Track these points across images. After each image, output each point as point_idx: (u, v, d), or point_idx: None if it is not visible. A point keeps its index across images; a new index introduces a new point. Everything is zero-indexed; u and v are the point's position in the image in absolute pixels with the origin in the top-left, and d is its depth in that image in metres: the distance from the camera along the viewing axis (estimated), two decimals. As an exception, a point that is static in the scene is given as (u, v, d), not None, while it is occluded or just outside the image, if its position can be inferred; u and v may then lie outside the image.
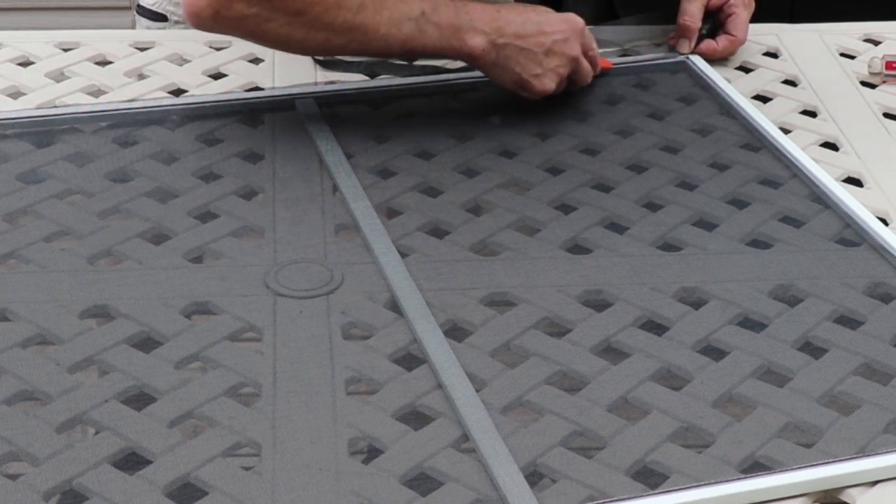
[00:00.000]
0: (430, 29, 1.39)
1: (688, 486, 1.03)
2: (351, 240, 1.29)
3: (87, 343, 1.15)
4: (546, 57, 1.42)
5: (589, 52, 1.49)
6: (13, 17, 3.04)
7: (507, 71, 1.42)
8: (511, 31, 1.41)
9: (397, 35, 1.38)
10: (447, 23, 1.39)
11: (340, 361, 1.14)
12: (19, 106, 1.49)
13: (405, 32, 1.38)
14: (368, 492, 1.02)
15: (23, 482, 1.02)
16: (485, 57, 1.41)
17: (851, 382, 1.14)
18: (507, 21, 1.41)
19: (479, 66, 1.43)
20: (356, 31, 1.38)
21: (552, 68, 1.43)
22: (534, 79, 1.43)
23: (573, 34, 1.44)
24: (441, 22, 1.39)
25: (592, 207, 1.35)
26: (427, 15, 1.39)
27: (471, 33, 1.39)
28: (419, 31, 1.38)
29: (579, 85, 1.50)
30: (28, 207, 1.32)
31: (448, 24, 1.39)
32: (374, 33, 1.38)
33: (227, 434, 1.07)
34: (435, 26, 1.39)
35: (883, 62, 1.59)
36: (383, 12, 1.38)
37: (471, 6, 1.41)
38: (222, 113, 1.48)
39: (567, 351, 1.16)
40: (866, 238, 1.31)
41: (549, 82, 1.44)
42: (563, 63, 1.44)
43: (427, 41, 1.39)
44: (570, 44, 1.44)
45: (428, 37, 1.39)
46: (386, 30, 1.38)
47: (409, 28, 1.38)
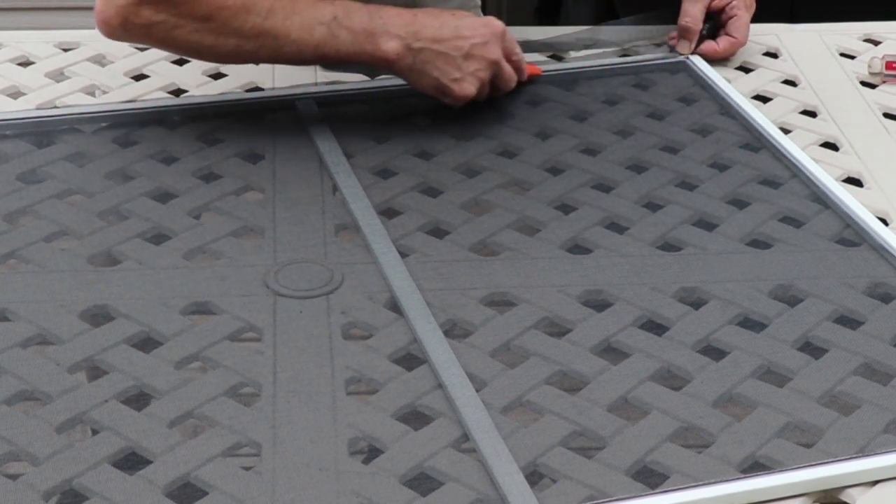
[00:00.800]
0: (342, 33, 1.37)
1: (688, 486, 1.03)
2: (351, 240, 1.29)
3: (87, 343, 1.15)
4: (465, 61, 1.40)
5: (513, 57, 1.46)
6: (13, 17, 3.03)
7: (425, 76, 1.40)
8: (428, 34, 1.39)
9: (309, 40, 1.36)
10: (360, 27, 1.37)
11: (340, 361, 1.14)
12: (19, 106, 1.49)
13: (317, 37, 1.36)
14: (368, 492, 1.02)
15: (23, 482, 1.02)
16: (400, 61, 1.39)
17: (851, 382, 1.14)
18: (424, 25, 1.39)
19: (396, 70, 1.41)
20: (266, 36, 1.36)
21: (472, 72, 1.41)
22: (453, 83, 1.40)
23: (493, 37, 1.42)
24: (354, 26, 1.37)
25: (592, 207, 1.35)
26: (339, 19, 1.37)
27: (385, 37, 1.38)
28: (332, 36, 1.36)
29: (503, 90, 1.47)
30: (28, 207, 1.32)
31: (361, 29, 1.37)
32: (285, 38, 1.36)
33: (227, 434, 1.07)
34: (348, 31, 1.37)
35: (883, 62, 1.59)
36: (294, 17, 1.36)
37: (385, 10, 1.39)
38: (222, 113, 1.48)
39: (567, 351, 1.16)
40: (866, 238, 1.31)
41: (470, 86, 1.41)
42: (483, 67, 1.42)
43: (340, 46, 1.37)
44: (489, 47, 1.41)
45: (341, 41, 1.37)
46: (297, 35, 1.36)
47: (321, 33, 1.36)
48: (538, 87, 1.55)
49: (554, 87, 1.56)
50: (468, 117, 1.49)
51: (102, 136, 1.43)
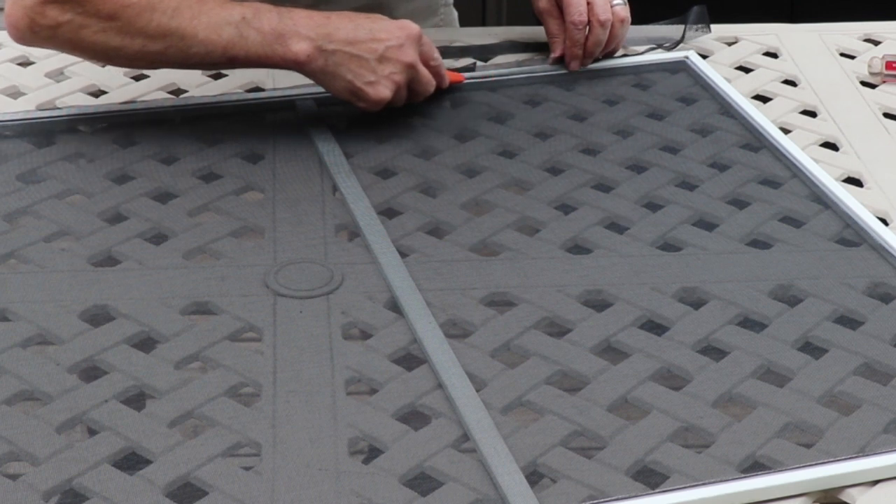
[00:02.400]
0: (251, 34, 1.34)
1: (688, 486, 1.03)
2: (351, 240, 1.29)
3: (87, 343, 1.15)
4: (379, 64, 1.38)
5: (431, 63, 1.44)
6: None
7: (338, 79, 1.38)
8: (340, 37, 1.36)
9: (217, 41, 1.34)
10: (269, 28, 1.35)
11: (340, 361, 1.14)
12: (19, 106, 1.49)
13: (225, 38, 1.34)
14: (368, 492, 1.02)
15: (23, 482, 1.02)
16: (311, 63, 1.36)
17: (851, 382, 1.14)
18: (337, 27, 1.37)
19: (308, 73, 1.38)
20: (173, 35, 1.34)
21: (387, 75, 1.38)
22: (368, 86, 1.38)
23: (408, 40, 1.39)
24: (263, 27, 1.35)
25: (592, 207, 1.35)
26: (248, 20, 1.35)
27: (295, 39, 1.35)
28: (240, 37, 1.34)
29: (421, 95, 1.45)
30: (28, 207, 1.32)
31: (270, 30, 1.35)
32: (193, 38, 1.34)
33: (227, 434, 1.07)
34: (257, 31, 1.34)
35: (883, 62, 1.59)
36: (201, 17, 1.34)
37: (296, 12, 1.37)
38: (222, 113, 1.48)
39: (567, 351, 1.16)
40: (866, 238, 1.31)
41: (385, 90, 1.39)
42: (399, 70, 1.39)
43: (249, 47, 1.35)
44: (404, 50, 1.39)
45: (250, 42, 1.34)
46: (205, 35, 1.34)
47: (230, 33, 1.34)
48: (538, 87, 1.55)
49: (554, 87, 1.56)
50: (468, 117, 1.49)
51: (102, 136, 1.43)
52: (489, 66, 1.58)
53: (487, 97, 1.53)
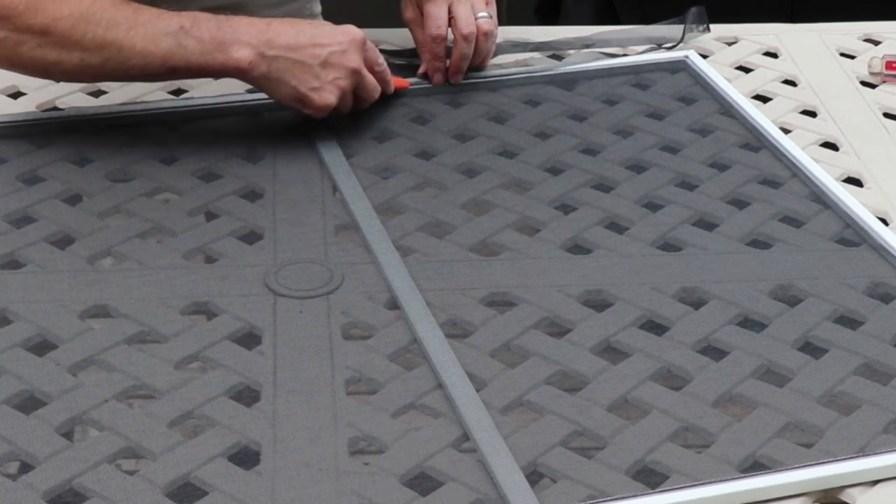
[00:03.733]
0: (190, 43, 1.33)
1: (688, 486, 1.03)
2: (351, 240, 1.29)
3: (87, 343, 1.15)
4: (323, 69, 1.36)
5: (375, 68, 1.42)
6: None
7: (282, 85, 1.36)
8: (282, 42, 1.35)
9: (155, 51, 1.32)
10: (209, 36, 1.33)
11: (340, 361, 1.14)
12: (19, 106, 1.49)
13: (164, 48, 1.32)
14: (368, 491, 1.02)
15: (23, 482, 1.02)
16: (254, 70, 1.34)
17: (851, 382, 1.14)
18: (278, 33, 1.35)
19: (251, 80, 1.36)
20: (110, 48, 1.32)
21: (331, 81, 1.37)
22: (312, 92, 1.36)
23: (352, 45, 1.37)
24: (202, 36, 1.33)
25: (592, 207, 1.35)
26: (186, 29, 1.33)
27: (236, 46, 1.33)
28: (179, 46, 1.32)
29: (367, 101, 1.43)
30: (28, 208, 1.32)
31: (210, 38, 1.33)
32: (130, 50, 1.32)
33: (227, 434, 1.07)
34: (196, 40, 1.33)
35: (883, 62, 1.59)
36: (138, 28, 1.32)
37: (236, 19, 1.35)
38: (222, 113, 1.48)
39: (567, 351, 1.16)
40: (866, 238, 1.31)
41: (330, 95, 1.37)
42: (343, 75, 1.37)
43: (189, 56, 1.33)
44: (348, 55, 1.37)
45: (189, 51, 1.32)
46: (143, 46, 1.32)
47: (168, 43, 1.32)
48: (538, 87, 1.55)
49: (554, 87, 1.56)
50: (468, 117, 1.49)
51: (102, 136, 1.43)
52: (489, 66, 1.58)
53: (487, 97, 1.53)
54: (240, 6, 1.62)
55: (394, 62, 1.57)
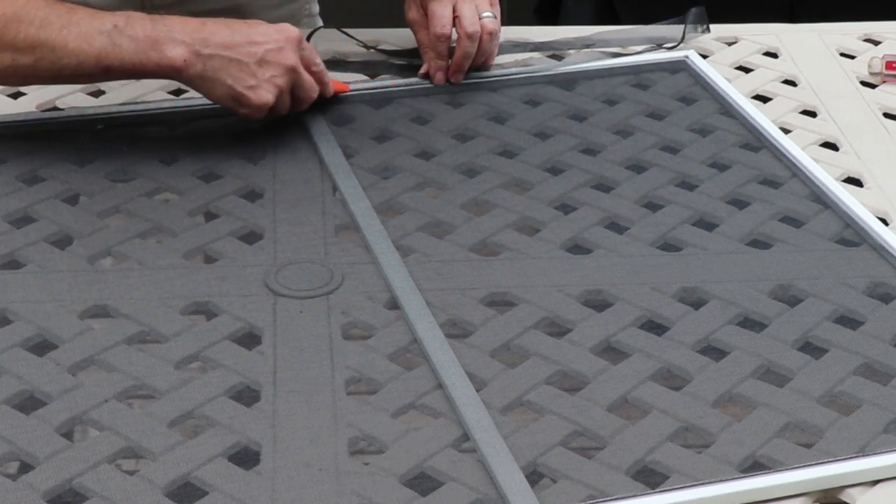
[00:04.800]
0: (124, 42, 1.31)
1: (688, 486, 1.03)
2: (351, 240, 1.29)
3: (87, 343, 1.15)
4: (259, 67, 1.35)
5: (313, 68, 1.41)
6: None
7: (218, 84, 1.35)
8: (217, 41, 1.34)
9: (89, 50, 1.31)
10: (143, 35, 1.32)
11: (340, 361, 1.14)
12: (19, 106, 1.49)
13: (97, 47, 1.31)
14: (368, 491, 1.02)
15: (23, 482, 1.02)
16: (189, 69, 1.33)
17: (851, 382, 1.14)
18: (213, 32, 1.34)
19: (186, 79, 1.35)
20: (42, 47, 1.31)
21: (268, 79, 1.35)
22: (249, 91, 1.35)
23: (288, 43, 1.36)
24: (136, 34, 1.32)
25: (592, 207, 1.35)
26: (120, 28, 1.32)
27: (170, 44, 1.32)
28: (112, 45, 1.31)
29: (305, 102, 1.42)
30: (28, 208, 1.32)
31: (144, 37, 1.32)
32: (63, 49, 1.31)
33: (227, 434, 1.07)
34: (130, 39, 1.32)
35: (883, 62, 1.59)
36: (71, 27, 1.31)
37: (170, 18, 1.34)
38: (222, 113, 1.47)
39: (567, 351, 1.16)
40: (866, 238, 1.31)
41: (267, 94, 1.36)
42: (280, 73, 1.36)
43: (123, 55, 1.32)
44: (284, 53, 1.36)
45: (123, 50, 1.31)
46: (76, 45, 1.31)
47: (102, 42, 1.31)
48: (538, 87, 1.55)
49: (554, 87, 1.55)
50: (468, 117, 1.49)
51: (102, 137, 1.43)
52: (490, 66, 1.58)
53: (487, 97, 1.53)
54: (239, 8, 1.62)
55: (394, 62, 1.57)
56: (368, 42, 1.61)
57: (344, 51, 1.60)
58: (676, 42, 1.63)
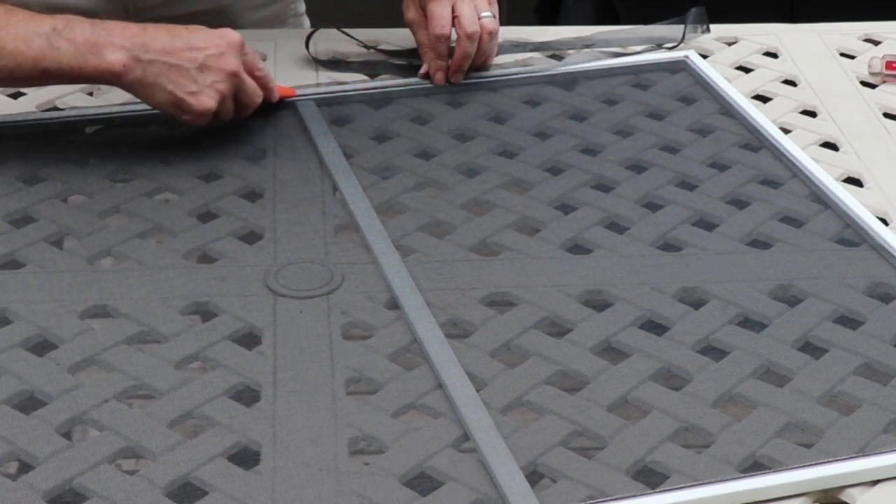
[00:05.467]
0: (62, 45, 1.30)
1: (688, 486, 1.03)
2: (351, 240, 1.29)
3: (87, 343, 1.15)
4: (200, 73, 1.34)
5: (256, 73, 1.40)
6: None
7: (158, 90, 1.33)
8: (157, 46, 1.32)
9: (26, 52, 1.30)
10: (82, 38, 1.30)
11: (340, 361, 1.14)
12: (19, 106, 1.49)
13: (35, 49, 1.30)
14: (368, 491, 1.02)
15: (23, 482, 1.02)
16: (128, 74, 1.32)
17: (851, 382, 1.14)
18: (153, 37, 1.33)
19: (125, 85, 1.34)
20: None
21: (209, 84, 1.34)
22: (190, 97, 1.34)
23: (229, 48, 1.35)
24: (75, 38, 1.30)
25: (592, 207, 1.35)
26: (59, 31, 1.30)
27: (109, 49, 1.31)
28: (51, 48, 1.30)
29: (248, 107, 1.40)
30: (28, 208, 1.32)
31: (83, 40, 1.30)
32: (0, 51, 1.30)
33: (227, 434, 1.07)
34: (68, 42, 1.30)
35: (883, 62, 1.59)
36: (9, 29, 1.30)
37: (110, 23, 1.33)
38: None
39: (567, 351, 1.16)
40: (866, 238, 1.31)
41: (208, 99, 1.34)
42: (221, 79, 1.35)
43: (62, 58, 1.30)
44: (225, 58, 1.35)
45: (62, 53, 1.30)
46: (13, 46, 1.30)
47: (39, 44, 1.30)
48: (538, 87, 1.55)
49: (554, 87, 1.56)
50: (468, 117, 1.49)
51: (102, 136, 1.43)
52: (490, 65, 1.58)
53: (487, 97, 1.53)
54: (224, 10, 1.61)
55: (394, 62, 1.57)
56: (368, 42, 1.62)
57: (344, 51, 1.60)
58: (676, 42, 1.63)
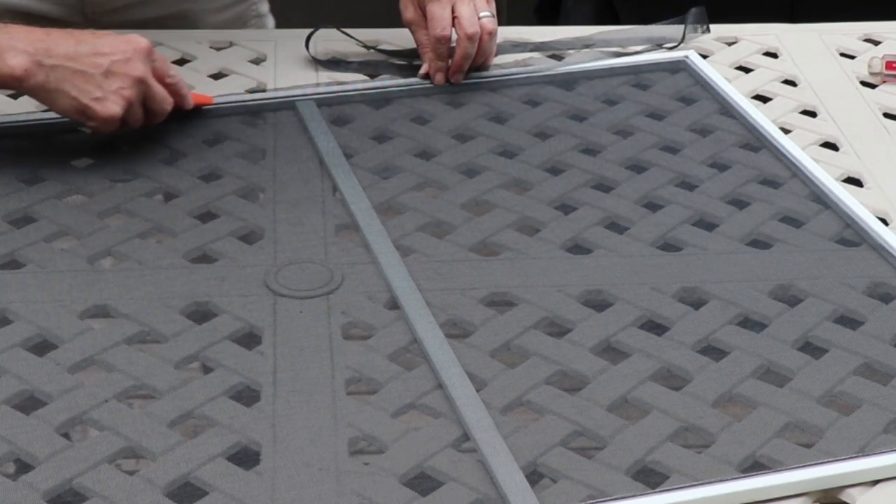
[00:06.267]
0: None
1: (688, 486, 1.03)
2: (351, 240, 1.29)
3: (87, 343, 1.15)
4: (106, 79, 1.31)
5: (167, 80, 1.38)
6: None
7: (61, 95, 1.31)
8: (61, 51, 1.30)
9: None
10: None
11: (340, 361, 1.14)
12: (19, 106, 1.48)
13: None
14: (368, 491, 1.02)
15: (23, 482, 1.02)
16: (30, 79, 1.29)
17: (851, 382, 1.14)
18: (57, 42, 1.30)
19: (28, 90, 1.31)
20: None
21: (115, 91, 1.32)
22: (95, 103, 1.31)
23: (136, 54, 1.33)
24: None
25: (592, 207, 1.35)
26: None
27: (10, 53, 1.28)
28: None
29: (158, 114, 1.38)
30: (28, 208, 1.32)
31: None
32: None
33: (227, 434, 1.07)
34: None
35: (883, 62, 1.59)
36: None
37: (13, 27, 1.31)
38: (222, 113, 1.48)
39: (567, 351, 1.16)
40: (866, 238, 1.31)
41: (114, 106, 1.32)
42: (127, 85, 1.32)
43: None
44: (132, 64, 1.32)
45: None
46: None
47: None
48: (538, 87, 1.55)
49: (553, 87, 1.56)
50: (468, 117, 1.49)
51: (103, 136, 1.43)
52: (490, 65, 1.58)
53: (487, 97, 1.53)
54: (184, 14, 1.60)
55: (394, 62, 1.57)
56: (368, 42, 1.62)
57: (344, 51, 1.61)
58: (676, 42, 1.63)
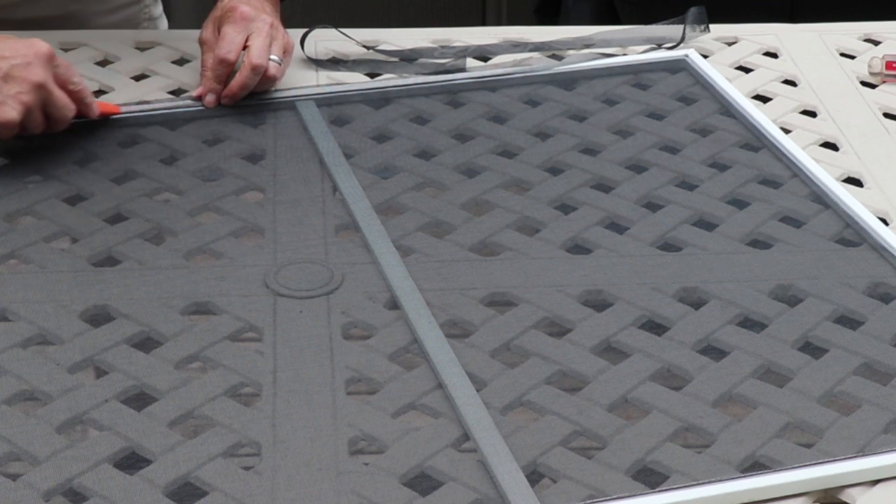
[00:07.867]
0: None
1: (688, 486, 1.03)
2: (351, 240, 1.29)
3: (87, 343, 1.15)
4: (4, 83, 1.30)
5: (69, 86, 1.35)
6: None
7: None
8: None
9: None
10: None
11: (340, 361, 1.14)
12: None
13: None
14: (368, 491, 1.02)
15: (23, 482, 1.02)
16: None
17: (851, 382, 1.14)
18: None
19: None
20: None
21: (13, 95, 1.31)
22: None
23: (36, 59, 1.31)
24: None
25: (592, 207, 1.35)
26: None
27: None
28: None
29: (60, 121, 1.36)
30: (28, 207, 1.32)
31: None
32: None
33: (227, 434, 1.07)
34: None
35: (883, 62, 1.59)
36: None
37: None
38: (222, 113, 1.48)
39: (567, 351, 1.16)
40: (866, 238, 1.31)
41: (11, 111, 1.31)
42: (26, 90, 1.31)
43: None
44: (32, 69, 1.31)
45: None
46: None
47: None
48: (538, 87, 1.55)
49: (553, 86, 1.56)
50: (468, 117, 1.49)
51: (103, 136, 1.43)
52: (489, 66, 1.58)
53: (487, 97, 1.53)
54: (71, 15, 1.59)
55: (393, 62, 1.57)
56: (367, 42, 1.62)
57: (343, 51, 1.61)
58: (676, 42, 1.63)
